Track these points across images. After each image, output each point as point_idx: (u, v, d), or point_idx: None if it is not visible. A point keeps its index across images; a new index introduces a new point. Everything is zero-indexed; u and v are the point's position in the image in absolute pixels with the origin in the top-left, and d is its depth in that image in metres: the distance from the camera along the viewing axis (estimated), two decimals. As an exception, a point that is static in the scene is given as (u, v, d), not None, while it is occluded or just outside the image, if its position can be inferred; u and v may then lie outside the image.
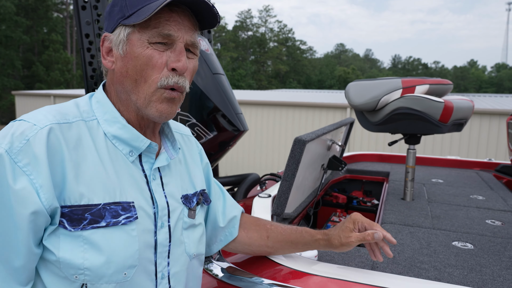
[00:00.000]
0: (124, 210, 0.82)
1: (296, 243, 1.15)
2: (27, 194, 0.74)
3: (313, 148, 1.82)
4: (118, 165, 0.86)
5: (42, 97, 12.74)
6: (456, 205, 2.02)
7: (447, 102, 1.82)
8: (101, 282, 0.79)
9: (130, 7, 0.83)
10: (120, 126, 0.87)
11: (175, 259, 0.92)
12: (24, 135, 0.76)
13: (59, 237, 0.78)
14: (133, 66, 0.84)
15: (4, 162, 0.73)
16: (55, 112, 0.83)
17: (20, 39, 26.97)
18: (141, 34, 0.83)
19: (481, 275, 1.22)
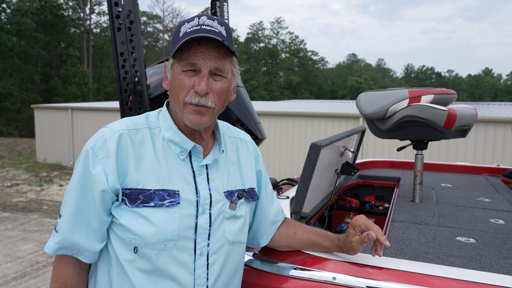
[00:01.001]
0: (170, 196, 1.08)
1: (318, 244, 1.33)
2: (100, 177, 1.06)
3: (328, 153, 1.99)
4: (171, 162, 1.12)
5: (60, 110, 13.13)
6: (463, 206, 2.15)
7: (451, 110, 1.98)
8: (146, 247, 1.06)
9: (174, 44, 1.10)
10: (173, 132, 1.14)
11: (215, 241, 1.14)
12: (103, 137, 1.09)
13: (122, 210, 1.08)
14: (174, 87, 1.11)
15: (89, 155, 1.07)
16: (128, 121, 1.15)
17: (38, 55, 27.84)
18: (178, 64, 1.10)
19: (480, 264, 1.36)
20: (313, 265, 1.29)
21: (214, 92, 1.10)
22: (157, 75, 2.42)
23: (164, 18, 41.48)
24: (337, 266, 1.26)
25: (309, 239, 1.34)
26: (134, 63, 2.20)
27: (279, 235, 1.37)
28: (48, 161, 13.48)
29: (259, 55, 48.85)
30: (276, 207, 1.38)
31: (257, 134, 2.61)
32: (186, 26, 1.09)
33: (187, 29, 1.08)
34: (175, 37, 1.11)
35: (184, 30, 1.09)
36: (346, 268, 1.24)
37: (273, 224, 1.36)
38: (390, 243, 1.56)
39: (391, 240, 1.60)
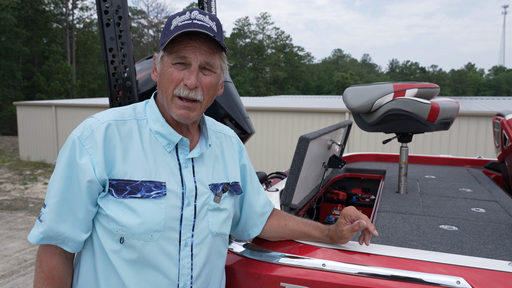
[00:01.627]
0: (156, 188, 1.10)
1: (309, 235, 1.38)
2: (87, 167, 1.06)
3: (316, 146, 2.04)
4: (157, 154, 1.14)
5: (44, 107, 12.91)
6: (446, 197, 2.23)
7: (434, 103, 2.05)
8: (133, 238, 1.08)
9: (165, 36, 1.11)
10: (161, 124, 1.16)
11: (199, 232, 1.17)
12: (90, 127, 1.10)
13: (108, 201, 1.09)
14: (162, 80, 1.12)
15: (75, 145, 1.08)
16: (115, 112, 1.15)
17: (20, 50, 27.24)
18: (168, 57, 1.11)
19: (461, 249, 1.43)
20: (303, 252, 1.33)
21: (203, 86, 1.12)
22: (145, 71, 2.43)
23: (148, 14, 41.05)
24: (327, 253, 1.31)
25: (300, 230, 1.39)
26: (123, 58, 2.21)
27: (270, 227, 1.41)
28: (31, 159, 13.28)
29: (245, 51, 48.75)
30: (263, 198, 1.42)
31: (246, 129, 2.64)
32: (178, 19, 1.11)
33: (178, 22, 1.09)
34: (166, 29, 1.12)
35: (175, 24, 1.10)
36: (335, 255, 1.29)
37: (262, 215, 1.40)
38: (377, 232, 1.61)
39: (378, 229, 1.65)
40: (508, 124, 2.47)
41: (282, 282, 1.28)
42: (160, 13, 41.36)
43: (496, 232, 1.63)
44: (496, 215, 1.88)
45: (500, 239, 1.54)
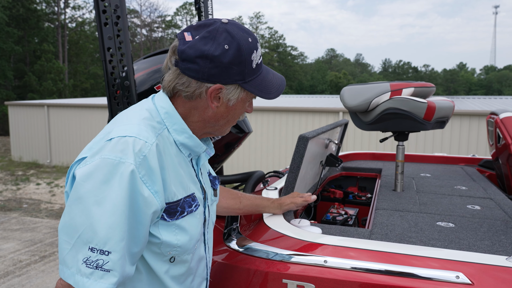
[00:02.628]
0: (193, 200, 1.09)
1: (258, 205, 1.63)
2: (151, 199, 0.95)
3: (314, 145, 2.06)
4: (183, 165, 1.09)
5: (36, 107, 12.81)
6: (441, 194, 2.26)
7: (430, 102, 2.08)
8: (184, 254, 1.09)
9: (248, 75, 1.06)
10: (187, 136, 1.09)
11: (209, 228, 1.25)
12: (141, 152, 0.95)
13: (158, 226, 1.01)
14: (234, 114, 1.11)
15: (135, 175, 0.92)
16: (149, 126, 1.02)
17: (11, 50, 26.98)
18: (247, 96, 1.10)
19: (459, 245, 1.46)
20: (305, 249, 1.35)
21: None
22: (142, 71, 2.44)
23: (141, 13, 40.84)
24: (328, 249, 1.33)
25: (251, 204, 1.61)
26: (122, 58, 2.21)
27: (228, 205, 1.56)
28: (23, 160, 13.16)
29: (238, 50, 48.64)
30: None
31: (244, 128, 2.65)
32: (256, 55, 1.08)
33: (257, 60, 1.08)
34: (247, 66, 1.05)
35: (256, 60, 1.07)
36: (337, 252, 1.31)
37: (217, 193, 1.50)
38: (375, 229, 1.64)
39: (376, 226, 1.68)
40: (502, 122, 2.51)
41: (284, 279, 1.30)
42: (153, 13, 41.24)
43: (492, 228, 1.66)
44: (492, 212, 1.91)
45: (496, 235, 1.57)
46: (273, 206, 1.65)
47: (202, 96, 1.05)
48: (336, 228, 1.64)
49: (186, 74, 1.03)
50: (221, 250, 1.55)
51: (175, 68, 1.04)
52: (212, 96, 1.06)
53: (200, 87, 1.04)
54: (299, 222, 1.63)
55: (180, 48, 1.02)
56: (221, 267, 1.46)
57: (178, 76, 1.04)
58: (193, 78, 1.03)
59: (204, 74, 1.01)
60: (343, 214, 2.41)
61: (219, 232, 1.73)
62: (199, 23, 1.05)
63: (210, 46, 1.00)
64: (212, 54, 1.00)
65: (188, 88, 1.04)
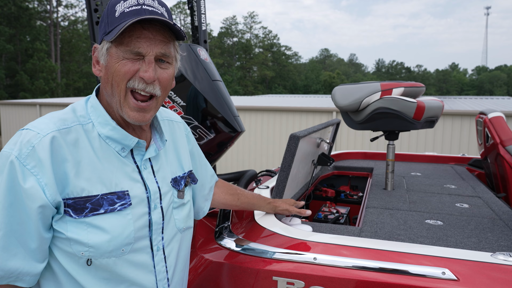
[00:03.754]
0: (119, 199, 0.99)
1: (254, 204, 1.60)
2: (35, 191, 0.90)
3: (305, 144, 2.08)
4: (112, 161, 1.01)
5: (28, 106, 12.71)
6: (431, 193, 2.29)
7: (419, 102, 2.11)
8: (102, 257, 0.97)
9: (110, 25, 0.97)
10: (111, 127, 1.02)
11: (168, 233, 1.11)
12: (30, 143, 0.92)
13: (66, 222, 0.95)
14: (112, 74, 0.97)
15: (15, 166, 0.90)
16: (55, 119, 0.98)
17: (3, 48, 26.78)
18: (117, 49, 0.97)
19: (446, 242, 1.48)
20: (295, 247, 1.37)
21: (162, 81, 1.01)
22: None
23: (135, 12, 40.59)
24: (318, 247, 1.35)
25: (248, 202, 1.58)
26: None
27: (226, 201, 1.51)
28: (16, 159, 13.07)
29: (232, 50, 48.69)
30: (210, 172, 1.41)
31: (236, 127, 2.67)
32: (123, 4, 0.97)
33: (124, 8, 0.96)
34: (110, 16, 0.98)
35: (120, 9, 0.96)
36: (326, 249, 1.33)
37: (211, 189, 1.42)
38: (365, 227, 1.66)
39: (366, 224, 1.70)
40: (490, 122, 2.55)
41: (274, 276, 1.31)
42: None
43: (479, 226, 1.69)
44: (479, 210, 1.95)
45: (483, 233, 1.60)
46: (268, 207, 1.64)
47: None
48: (327, 226, 1.66)
49: None
50: (212, 248, 1.56)
51: None
52: (94, 60, 1.04)
53: None
54: (290, 220, 1.64)
55: None
56: (212, 265, 1.48)
57: None
58: None
59: None
60: (335, 212, 2.44)
61: (211, 231, 1.74)
62: None
63: None
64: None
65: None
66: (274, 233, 1.47)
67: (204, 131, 2.58)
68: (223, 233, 1.58)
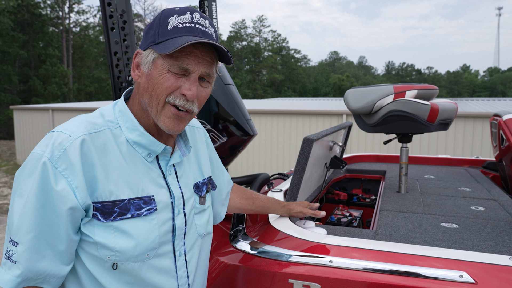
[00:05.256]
0: (146, 204, 1.01)
1: (268, 207, 1.61)
2: (66, 193, 0.92)
3: (318, 147, 2.08)
4: (139, 166, 1.03)
5: (41, 111, 12.91)
6: (445, 196, 2.27)
7: (433, 104, 2.09)
8: (128, 262, 0.99)
9: (161, 36, 0.99)
10: (139, 133, 1.03)
11: (189, 239, 1.13)
12: (62, 145, 0.93)
13: (94, 226, 0.97)
14: (153, 84, 0.99)
15: (47, 168, 0.92)
16: (86, 122, 1.00)
17: (17, 54, 27.22)
18: (164, 61, 0.98)
19: (463, 246, 1.47)
20: (310, 250, 1.37)
21: (199, 98, 1.04)
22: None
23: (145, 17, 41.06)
24: (333, 250, 1.35)
25: (263, 206, 1.59)
26: (128, 62, 2.25)
27: (241, 205, 1.53)
28: (29, 163, 13.25)
29: (241, 54, 48.85)
30: (226, 177, 1.42)
31: (249, 131, 2.68)
32: (177, 19, 0.99)
33: (178, 23, 0.98)
34: (161, 27, 0.99)
35: (174, 23, 0.98)
36: (342, 252, 1.33)
37: (227, 195, 1.43)
38: (380, 230, 1.66)
39: (381, 227, 1.69)
40: (505, 124, 2.52)
41: (290, 279, 1.32)
42: (156, 17, 41.28)
43: (495, 229, 1.67)
44: (495, 213, 1.93)
45: (499, 236, 1.58)
46: (282, 210, 1.65)
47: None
48: (341, 229, 1.66)
49: None
50: (227, 251, 1.57)
51: None
52: (134, 65, 1.04)
53: None
54: (305, 223, 1.65)
55: None
56: (227, 268, 1.49)
57: None
58: None
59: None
60: (348, 215, 2.43)
61: (225, 234, 1.75)
62: None
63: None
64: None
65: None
66: (289, 235, 1.47)
67: (217, 134, 2.60)
68: (238, 236, 1.59)
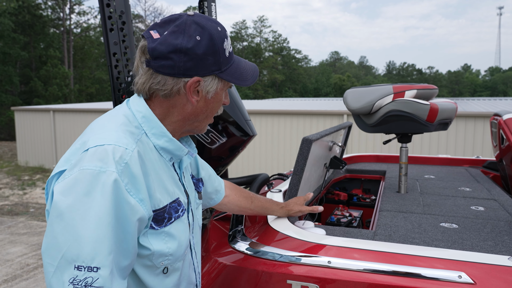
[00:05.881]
0: (179, 205, 1.06)
1: (267, 208, 1.64)
2: (137, 207, 0.90)
3: (318, 147, 2.08)
4: (166, 171, 1.06)
5: (42, 112, 12.92)
6: (445, 196, 2.27)
7: (433, 104, 2.09)
8: (176, 262, 1.05)
9: (223, 64, 1.03)
10: (167, 139, 1.04)
11: (195, 232, 1.21)
12: (123, 159, 0.90)
13: (147, 236, 0.97)
14: (212, 108, 1.08)
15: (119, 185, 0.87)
16: (127, 132, 0.97)
17: (18, 55, 27.26)
18: (224, 86, 1.07)
19: (462, 246, 1.47)
20: (309, 250, 1.37)
21: None
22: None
23: (146, 18, 41.10)
24: (332, 250, 1.34)
25: (262, 206, 1.62)
26: (127, 63, 2.25)
27: (240, 204, 1.54)
28: (30, 164, 13.26)
29: (242, 54, 48.84)
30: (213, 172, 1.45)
31: (248, 131, 2.68)
32: (227, 43, 1.04)
33: (229, 48, 1.05)
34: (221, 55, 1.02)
35: (228, 49, 1.04)
36: (340, 252, 1.33)
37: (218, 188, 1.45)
38: (379, 230, 1.65)
39: (380, 227, 1.69)
40: (505, 124, 2.51)
41: (288, 280, 1.32)
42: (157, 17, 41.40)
43: (495, 229, 1.67)
44: (495, 213, 1.92)
45: (499, 236, 1.58)
46: (281, 212, 1.67)
47: (181, 92, 1.01)
48: (340, 229, 1.66)
49: (161, 72, 0.98)
50: (226, 252, 1.57)
51: (147, 69, 1.00)
52: (192, 90, 1.02)
53: (177, 83, 1.00)
54: (304, 224, 1.64)
55: (150, 46, 0.97)
56: (226, 269, 1.48)
57: (151, 76, 1.00)
58: (169, 75, 0.99)
59: (180, 69, 0.98)
60: (348, 216, 2.42)
61: (224, 234, 1.75)
62: (164, 20, 1.01)
63: (182, 39, 0.96)
64: (185, 47, 0.96)
65: (165, 86, 1.00)
66: (288, 236, 1.47)
67: (216, 135, 2.60)
68: (236, 237, 1.59)
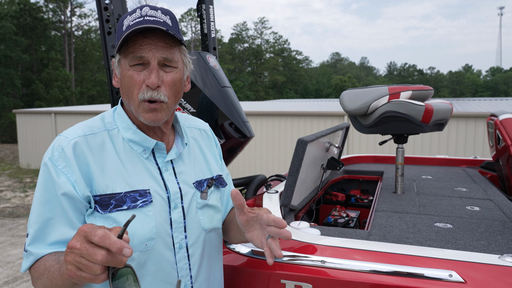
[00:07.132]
0: (141, 196, 1.08)
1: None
2: (66, 185, 1.03)
3: (314, 149, 2.10)
4: (135, 162, 1.11)
5: (43, 114, 12.95)
6: (441, 196, 2.28)
7: (428, 105, 2.11)
8: None
9: (118, 38, 1.07)
10: (132, 131, 1.13)
11: (192, 233, 1.17)
12: (60, 146, 1.06)
13: (95, 218, 1.05)
14: (124, 85, 1.08)
15: (48, 166, 1.05)
16: (84, 127, 1.12)
17: (19, 58, 27.35)
18: (125, 59, 1.06)
19: (455, 245, 1.48)
20: (303, 250, 1.39)
21: (166, 85, 1.07)
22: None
23: (146, 20, 41.11)
24: (326, 251, 1.36)
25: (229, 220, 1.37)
26: (125, 66, 2.27)
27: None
28: (31, 167, 13.30)
29: (243, 56, 48.92)
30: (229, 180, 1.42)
31: (246, 133, 2.70)
32: (129, 19, 1.06)
33: (129, 22, 1.05)
34: (119, 31, 1.08)
35: (127, 24, 1.06)
36: (334, 252, 1.34)
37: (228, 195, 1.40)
38: (373, 230, 1.67)
39: (374, 227, 1.71)
40: (501, 124, 2.53)
41: (282, 279, 1.33)
42: (158, 19, 41.37)
43: (489, 228, 1.68)
44: (490, 212, 1.93)
45: (493, 235, 1.59)
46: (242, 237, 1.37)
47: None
48: (335, 229, 1.67)
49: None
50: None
51: None
52: (114, 74, 1.14)
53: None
54: (299, 224, 1.66)
55: None
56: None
57: None
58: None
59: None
60: (345, 216, 2.44)
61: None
62: None
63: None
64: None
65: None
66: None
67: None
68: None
